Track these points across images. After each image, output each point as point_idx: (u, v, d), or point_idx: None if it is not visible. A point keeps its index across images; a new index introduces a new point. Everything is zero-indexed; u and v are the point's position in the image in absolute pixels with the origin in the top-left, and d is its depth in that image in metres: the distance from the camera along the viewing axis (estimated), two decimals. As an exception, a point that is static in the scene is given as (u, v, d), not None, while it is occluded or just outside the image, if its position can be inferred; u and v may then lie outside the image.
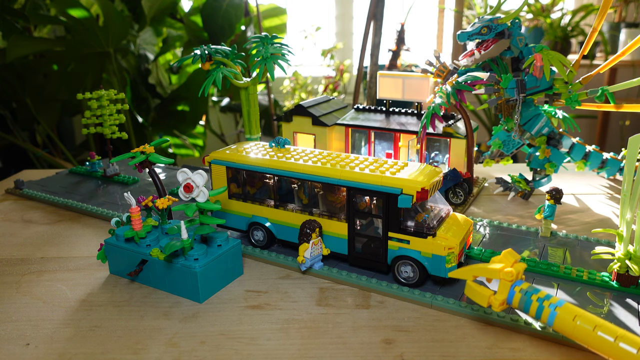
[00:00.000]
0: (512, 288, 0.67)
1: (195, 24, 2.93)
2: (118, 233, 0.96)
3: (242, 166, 1.03)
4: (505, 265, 0.68)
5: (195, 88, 2.76)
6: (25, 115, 2.64)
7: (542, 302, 0.64)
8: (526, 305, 0.66)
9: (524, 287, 0.67)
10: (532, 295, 0.65)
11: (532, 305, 0.65)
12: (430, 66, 1.35)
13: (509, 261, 0.68)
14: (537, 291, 0.66)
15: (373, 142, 1.40)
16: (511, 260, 0.68)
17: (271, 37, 1.23)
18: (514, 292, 0.67)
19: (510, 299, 0.67)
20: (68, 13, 2.38)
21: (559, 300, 0.64)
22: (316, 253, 0.95)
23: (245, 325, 0.82)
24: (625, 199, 0.84)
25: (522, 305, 0.66)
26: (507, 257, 0.69)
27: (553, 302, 0.64)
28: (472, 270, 0.70)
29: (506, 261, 0.68)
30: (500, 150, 1.29)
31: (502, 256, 0.69)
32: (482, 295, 0.69)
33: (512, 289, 0.67)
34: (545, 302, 0.64)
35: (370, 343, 0.77)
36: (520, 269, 0.68)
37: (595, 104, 1.20)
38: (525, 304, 0.66)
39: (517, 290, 0.67)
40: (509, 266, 0.67)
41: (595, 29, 1.16)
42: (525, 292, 0.66)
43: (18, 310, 0.88)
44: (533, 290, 0.66)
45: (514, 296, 0.67)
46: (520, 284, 0.67)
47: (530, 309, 0.65)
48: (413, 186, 0.85)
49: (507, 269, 0.67)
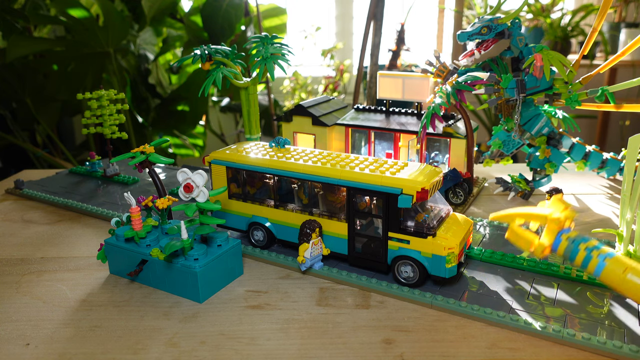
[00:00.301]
0: (559, 235, 0.64)
1: (195, 24, 2.93)
2: (118, 233, 0.96)
3: (242, 166, 1.03)
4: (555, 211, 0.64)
5: (195, 88, 2.76)
6: (25, 115, 2.64)
7: (591, 252, 0.61)
8: (572, 253, 0.62)
9: (571, 235, 0.63)
10: (581, 244, 0.62)
11: (579, 254, 0.62)
12: (430, 66, 1.35)
13: (559, 207, 0.65)
14: (587, 240, 0.62)
15: (373, 142, 1.40)
16: (561, 207, 0.65)
17: (271, 37, 1.23)
18: (560, 239, 0.64)
19: (555, 246, 0.64)
20: (68, 13, 2.38)
21: (609, 251, 0.61)
22: (316, 253, 0.95)
23: (245, 325, 0.82)
24: (625, 199, 0.84)
25: (568, 253, 0.63)
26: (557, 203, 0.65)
27: (603, 252, 0.61)
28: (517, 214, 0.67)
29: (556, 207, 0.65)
30: (500, 150, 1.29)
31: (552, 202, 0.66)
32: (526, 240, 0.65)
33: (559, 236, 0.64)
34: (595, 251, 0.61)
35: (370, 343, 0.77)
36: (570, 215, 0.64)
37: (595, 104, 1.20)
38: (571, 252, 0.62)
39: (565, 237, 0.63)
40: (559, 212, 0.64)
41: (595, 29, 1.16)
42: (573, 239, 0.63)
43: (18, 310, 0.88)
44: (582, 239, 0.62)
45: (559, 243, 0.63)
46: (569, 232, 0.64)
47: (577, 258, 0.62)
48: (413, 186, 0.85)
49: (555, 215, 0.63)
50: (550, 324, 0.77)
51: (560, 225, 0.63)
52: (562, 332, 0.75)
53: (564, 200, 0.65)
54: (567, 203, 0.65)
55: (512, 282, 0.91)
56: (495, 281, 0.91)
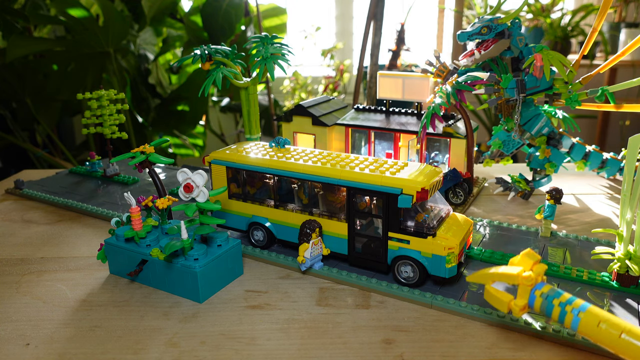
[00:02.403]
0: (533, 292, 0.63)
1: (195, 24, 2.93)
2: (118, 233, 0.96)
3: (242, 166, 1.03)
4: (524, 269, 0.64)
5: (195, 88, 2.76)
6: (25, 115, 2.64)
7: (565, 307, 0.61)
8: (548, 309, 0.62)
9: (544, 291, 0.63)
10: (554, 300, 0.62)
11: (554, 310, 0.61)
12: (430, 66, 1.35)
13: (528, 263, 0.64)
14: (559, 294, 0.62)
15: (373, 142, 1.40)
16: (530, 263, 0.64)
17: (271, 37, 1.23)
18: (534, 296, 0.63)
19: (531, 304, 0.64)
20: (68, 13, 2.38)
21: (583, 303, 0.60)
22: (316, 253, 0.95)
23: (245, 325, 0.82)
24: (625, 199, 0.84)
25: (544, 310, 0.63)
26: (526, 259, 0.65)
27: (576, 306, 0.60)
28: (490, 275, 0.67)
29: (525, 263, 0.65)
30: (500, 150, 1.29)
31: (520, 258, 0.65)
32: (502, 302, 0.65)
33: (533, 293, 0.63)
34: (568, 306, 0.60)
35: (370, 343, 0.77)
36: (541, 270, 0.64)
37: (595, 104, 1.20)
38: (547, 308, 0.62)
39: (538, 294, 0.63)
40: (528, 269, 0.64)
41: (595, 29, 1.16)
42: (546, 296, 0.62)
43: (18, 310, 0.88)
44: (555, 294, 0.62)
45: (534, 300, 0.63)
46: (542, 287, 0.63)
47: (553, 313, 0.62)
48: (413, 186, 0.85)
49: (525, 273, 0.63)
50: (550, 324, 0.77)
51: (532, 282, 0.63)
52: (562, 332, 0.75)
53: (533, 253, 0.65)
54: (536, 256, 0.65)
55: (512, 282, 0.91)
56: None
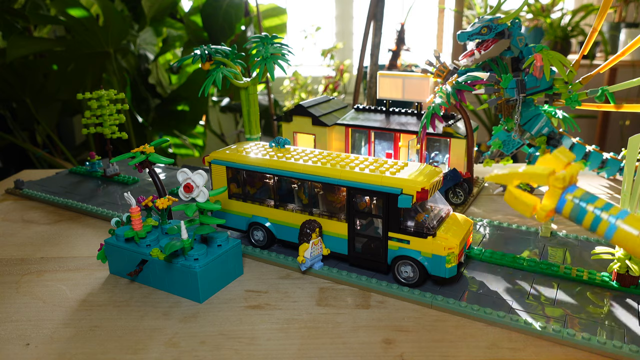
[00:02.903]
0: (563, 195, 0.57)
1: (195, 24, 2.93)
2: (118, 233, 0.96)
3: (242, 166, 1.03)
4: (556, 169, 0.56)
5: (195, 88, 2.76)
6: (25, 115, 2.64)
7: (600, 213, 0.55)
8: (579, 215, 0.56)
9: (577, 195, 0.56)
10: (588, 205, 0.55)
11: (587, 215, 0.55)
12: (430, 66, 1.35)
13: (561, 163, 0.57)
14: (594, 199, 0.56)
15: (373, 142, 1.40)
16: (563, 162, 0.57)
17: (271, 37, 1.23)
18: (565, 200, 0.56)
19: (560, 208, 0.57)
20: (68, 13, 2.38)
21: (621, 211, 0.55)
22: (316, 253, 0.95)
23: (245, 325, 0.82)
24: (625, 199, 0.84)
25: (575, 215, 0.56)
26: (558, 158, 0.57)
27: (613, 213, 0.54)
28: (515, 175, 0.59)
29: (557, 162, 0.57)
30: (500, 150, 1.29)
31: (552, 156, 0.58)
32: (526, 204, 0.58)
33: (563, 197, 0.57)
34: (604, 212, 0.55)
35: (370, 343, 0.77)
36: (574, 171, 0.57)
37: (595, 104, 1.20)
38: (578, 214, 0.56)
39: (570, 197, 0.56)
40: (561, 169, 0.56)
41: (595, 29, 1.16)
42: (579, 199, 0.56)
43: (18, 310, 0.88)
44: (589, 199, 0.56)
45: (564, 205, 0.56)
46: (574, 190, 0.57)
47: (584, 220, 0.56)
48: (413, 186, 0.85)
49: (557, 174, 0.56)
50: (550, 324, 0.77)
51: (564, 184, 0.56)
52: (562, 332, 0.75)
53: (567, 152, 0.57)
54: (570, 156, 0.57)
55: (512, 282, 0.91)
56: (495, 281, 0.91)
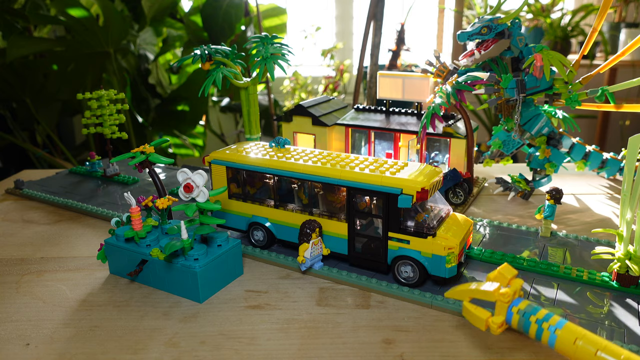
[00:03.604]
0: (510, 309, 0.63)
1: (195, 24, 2.93)
2: (118, 233, 0.96)
3: (242, 166, 1.03)
4: (501, 284, 0.63)
5: (195, 88, 2.76)
6: (25, 115, 2.64)
7: (541, 324, 0.60)
8: (525, 326, 0.62)
9: (521, 307, 0.63)
10: (531, 317, 0.61)
11: (531, 327, 0.61)
12: (430, 66, 1.35)
13: (505, 279, 0.64)
14: (536, 311, 0.62)
15: (373, 142, 1.40)
16: (507, 278, 0.64)
17: (271, 37, 1.23)
18: (512, 313, 0.63)
19: (509, 320, 0.64)
20: (68, 13, 2.38)
21: (559, 320, 0.60)
22: (316, 253, 0.95)
23: (245, 325, 0.82)
24: (625, 199, 0.84)
25: (521, 327, 0.63)
26: (503, 275, 0.64)
27: (552, 323, 0.60)
28: (467, 292, 0.67)
29: (502, 279, 0.64)
30: (500, 150, 1.29)
31: (497, 273, 0.65)
32: (479, 319, 0.65)
33: (510, 310, 0.63)
34: (545, 323, 0.60)
35: (370, 343, 0.77)
36: (517, 286, 0.64)
37: (595, 104, 1.20)
38: (524, 325, 0.62)
39: (515, 310, 0.63)
40: (505, 284, 0.63)
41: (595, 29, 1.16)
42: (523, 312, 0.62)
43: (18, 310, 0.88)
44: (532, 311, 0.62)
45: (512, 317, 0.63)
46: (519, 303, 0.63)
47: (530, 330, 0.62)
48: (413, 186, 0.85)
49: (502, 290, 0.63)
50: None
51: (509, 299, 0.63)
52: (562, 332, 0.75)
53: (510, 269, 0.64)
54: (512, 271, 0.64)
55: (512, 282, 0.91)
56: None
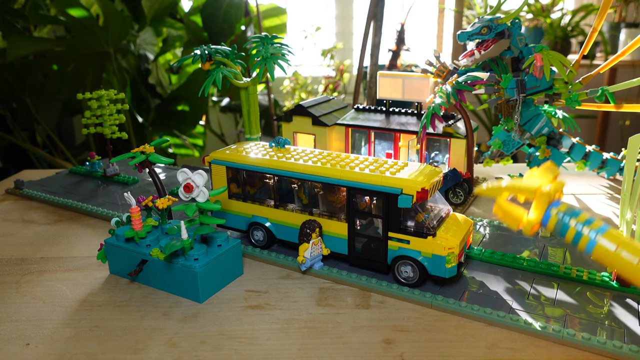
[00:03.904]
0: (549, 210, 0.59)
1: (195, 24, 2.93)
2: (118, 233, 0.96)
3: (242, 166, 1.03)
4: (543, 183, 0.59)
5: (195, 88, 2.76)
6: (25, 115, 2.64)
7: (582, 228, 0.58)
8: (562, 229, 0.59)
9: (561, 209, 0.59)
10: (571, 219, 0.58)
11: (570, 230, 0.58)
12: (430, 66, 1.35)
13: (547, 178, 0.60)
14: (577, 214, 0.59)
15: (373, 142, 1.40)
16: (549, 177, 0.60)
17: (271, 37, 1.23)
18: (550, 214, 0.59)
19: (545, 222, 0.60)
20: (68, 13, 2.38)
21: (601, 225, 0.57)
22: (316, 253, 0.95)
23: (245, 325, 0.82)
24: (625, 199, 0.84)
25: (559, 229, 0.59)
26: (545, 173, 0.60)
27: (594, 227, 0.57)
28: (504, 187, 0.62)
29: (544, 177, 0.60)
30: (500, 150, 1.29)
31: (540, 171, 0.61)
32: (513, 217, 0.61)
33: (548, 211, 0.59)
34: (586, 227, 0.57)
35: (370, 343, 0.77)
36: (560, 187, 0.60)
37: (595, 104, 1.20)
38: (562, 228, 0.59)
39: (554, 212, 0.59)
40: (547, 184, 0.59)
41: (595, 29, 1.16)
42: (562, 214, 0.59)
43: (18, 310, 0.88)
44: (572, 213, 0.59)
45: (549, 219, 0.60)
46: (559, 205, 0.60)
47: (567, 234, 0.59)
48: (413, 186, 0.85)
49: (544, 188, 0.59)
50: (550, 324, 0.77)
51: (550, 198, 0.59)
52: (562, 332, 0.75)
53: (554, 169, 0.61)
54: (556, 171, 0.60)
55: (512, 282, 0.91)
56: (495, 281, 0.91)
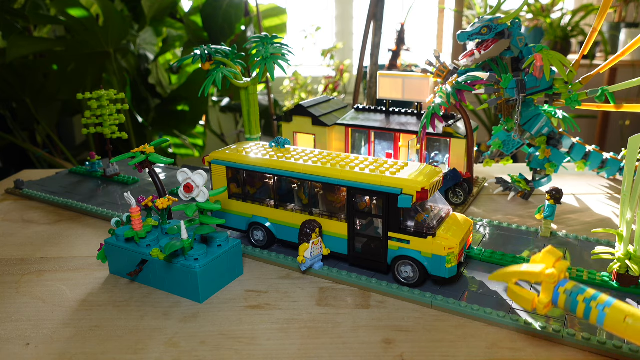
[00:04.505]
0: (556, 289, 0.63)
1: (195, 24, 2.93)
2: (118, 233, 0.96)
3: (242, 166, 1.03)
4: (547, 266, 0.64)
5: (195, 88, 2.76)
6: (25, 115, 2.64)
7: (589, 303, 0.61)
8: (572, 306, 0.62)
9: (568, 288, 0.63)
10: (578, 296, 0.61)
11: (579, 306, 0.61)
12: (430, 66, 1.35)
13: (550, 261, 0.64)
14: (583, 291, 0.62)
15: (373, 142, 1.40)
16: (552, 260, 0.64)
17: (271, 37, 1.23)
18: (558, 293, 0.63)
19: (555, 301, 0.64)
20: (68, 13, 2.38)
21: (608, 299, 0.60)
22: (316, 253, 0.95)
23: (245, 325, 0.82)
24: (625, 199, 0.84)
25: (569, 306, 0.63)
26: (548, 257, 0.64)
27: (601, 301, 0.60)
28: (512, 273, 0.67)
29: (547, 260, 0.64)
30: (500, 150, 1.29)
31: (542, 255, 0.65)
32: (526, 300, 0.65)
33: (556, 291, 0.63)
34: (593, 302, 0.61)
35: (370, 343, 0.77)
36: (563, 267, 0.64)
37: (595, 104, 1.20)
38: (571, 305, 0.62)
39: (562, 291, 0.63)
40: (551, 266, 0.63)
41: (595, 29, 1.16)
42: (570, 292, 0.62)
43: (18, 310, 0.88)
44: (579, 290, 0.62)
45: (558, 297, 0.63)
46: (565, 284, 0.63)
47: (577, 310, 0.62)
48: (413, 186, 0.85)
49: (548, 271, 0.63)
50: (550, 324, 0.77)
51: (555, 279, 0.63)
52: (562, 332, 0.75)
53: (555, 251, 0.65)
54: (558, 253, 0.65)
55: (512, 282, 0.91)
56: (495, 281, 0.91)
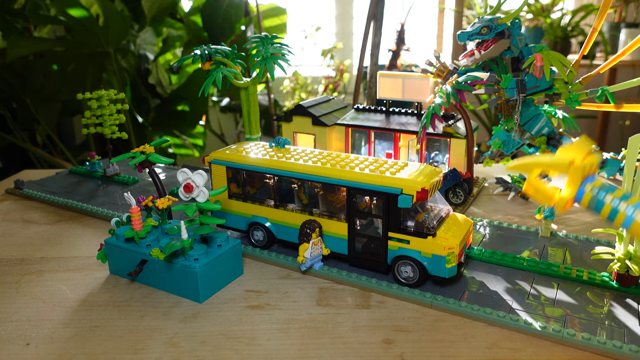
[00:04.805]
0: (583, 185, 0.57)
1: (195, 24, 2.93)
2: (118, 233, 0.96)
3: (242, 166, 1.03)
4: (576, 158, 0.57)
5: (195, 88, 2.76)
6: (25, 115, 2.64)
7: (618, 204, 0.55)
8: (597, 205, 0.57)
9: (596, 185, 0.57)
10: (607, 195, 0.56)
11: (605, 206, 0.56)
12: (430, 66, 1.35)
13: (581, 152, 0.57)
14: (613, 189, 0.56)
15: (373, 142, 1.40)
16: (583, 152, 0.57)
17: (271, 37, 1.23)
18: (584, 190, 0.57)
19: (579, 198, 0.58)
20: (68, 13, 2.38)
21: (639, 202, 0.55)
22: (316, 253, 0.95)
23: (245, 325, 0.82)
24: (625, 198, 0.84)
25: (593, 205, 0.57)
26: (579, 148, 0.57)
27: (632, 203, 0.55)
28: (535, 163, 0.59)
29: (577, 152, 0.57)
30: (500, 150, 1.29)
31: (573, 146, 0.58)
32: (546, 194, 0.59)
33: (582, 187, 0.57)
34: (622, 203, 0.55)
35: (370, 343, 0.77)
36: (594, 161, 0.58)
37: (595, 104, 1.20)
38: (596, 204, 0.57)
39: (589, 188, 0.57)
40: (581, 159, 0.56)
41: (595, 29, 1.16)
42: (597, 190, 0.57)
43: (18, 310, 0.88)
44: (608, 189, 0.56)
45: (583, 195, 0.57)
46: (593, 180, 0.57)
47: (603, 210, 0.56)
48: (413, 186, 0.85)
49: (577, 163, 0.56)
50: (550, 324, 0.77)
51: (584, 173, 0.56)
52: (562, 332, 0.75)
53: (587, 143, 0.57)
54: (590, 145, 0.57)
55: (512, 282, 0.91)
56: (495, 281, 0.91)
